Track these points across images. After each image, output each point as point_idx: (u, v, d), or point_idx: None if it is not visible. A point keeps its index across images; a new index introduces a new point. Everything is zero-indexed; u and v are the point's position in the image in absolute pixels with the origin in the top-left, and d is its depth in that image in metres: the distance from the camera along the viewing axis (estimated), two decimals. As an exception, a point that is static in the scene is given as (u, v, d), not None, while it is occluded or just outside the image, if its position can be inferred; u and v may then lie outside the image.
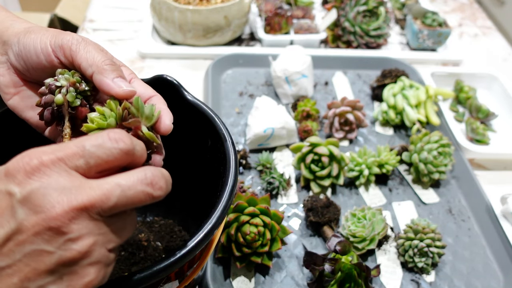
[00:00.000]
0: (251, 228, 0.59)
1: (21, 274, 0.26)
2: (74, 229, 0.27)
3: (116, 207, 0.28)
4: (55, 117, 0.39)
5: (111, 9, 1.16)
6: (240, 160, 0.77)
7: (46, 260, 0.26)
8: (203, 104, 0.50)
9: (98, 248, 0.28)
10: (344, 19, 1.05)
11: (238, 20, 1.00)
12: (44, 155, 0.27)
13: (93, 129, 0.36)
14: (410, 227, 0.67)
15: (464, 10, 1.32)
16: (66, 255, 0.27)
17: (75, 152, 0.28)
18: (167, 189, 0.31)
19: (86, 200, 0.27)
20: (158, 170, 0.31)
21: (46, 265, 0.26)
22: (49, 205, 0.26)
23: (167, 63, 1.00)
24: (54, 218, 0.26)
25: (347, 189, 0.77)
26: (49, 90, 0.38)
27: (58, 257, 0.27)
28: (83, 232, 0.27)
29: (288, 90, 0.89)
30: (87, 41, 0.39)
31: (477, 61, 1.11)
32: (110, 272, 0.31)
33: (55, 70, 0.39)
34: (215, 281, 0.61)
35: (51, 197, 0.26)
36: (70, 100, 0.38)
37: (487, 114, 0.89)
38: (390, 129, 0.89)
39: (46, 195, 0.26)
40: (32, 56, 0.39)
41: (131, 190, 0.29)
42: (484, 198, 0.74)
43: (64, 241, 0.26)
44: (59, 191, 0.27)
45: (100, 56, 0.38)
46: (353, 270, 0.57)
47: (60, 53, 0.38)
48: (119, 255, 0.60)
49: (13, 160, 0.28)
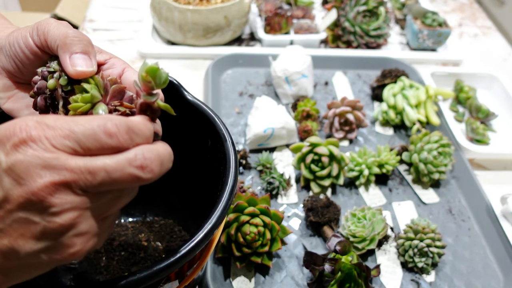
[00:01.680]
0: (251, 228, 0.59)
1: (10, 238, 0.28)
2: (56, 203, 0.27)
3: (101, 186, 0.28)
4: (50, 104, 0.38)
5: (111, 9, 1.16)
6: (240, 160, 0.77)
7: (32, 229, 0.28)
8: (203, 104, 0.50)
9: (84, 220, 0.29)
10: (344, 19, 1.05)
11: (238, 20, 1.00)
12: (33, 130, 0.27)
13: (79, 107, 0.35)
14: (410, 227, 0.67)
15: (464, 10, 1.32)
16: (50, 226, 0.27)
17: (63, 134, 0.28)
18: (160, 172, 0.30)
19: (69, 176, 0.27)
20: (152, 151, 0.29)
21: (32, 233, 0.28)
22: (31, 179, 0.27)
23: (167, 63, 1.00)
24: (35, 192, 0.27)
25: (347, 189, 0.77)
26: (42, 77, 0.38)
27: (43, 228, 0.27)
28: (66, 206, 0.27)
29: (288, 90, 0.89)
30: (60, 22, 0.38)
31: (477, 61, 1.11)
32: (104, 238, 0.32)
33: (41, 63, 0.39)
34: (215, 281, 0.61)
35: (33, 171, 0.27)
36: (63, 83, 0.37)
37: (487, 114, 0.89)
38: (390, 129, 0.89)
39: (30, 167, 0.27)
40: (19, 53, 0.39)
41: (117, 172, 0.28)
42: (484, 198, 0.74)
43: (48, 214, 0.27)
44: (41, 166, 0.27)
45: (66, 29, 0.37)
46: (353, 270, 0.57)
47: (36, 37, 0.38)
48: (119, 255, 0.60)
49: (6, 125, 0.28)
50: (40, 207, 0.27)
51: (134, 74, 0.40)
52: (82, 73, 0.36)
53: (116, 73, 0.40)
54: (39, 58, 0.39)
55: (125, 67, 0.41)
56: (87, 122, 0.28)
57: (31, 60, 0.39)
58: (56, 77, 0.37)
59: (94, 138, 0.28)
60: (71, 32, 0.37)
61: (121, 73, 0.40)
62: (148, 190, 0.31)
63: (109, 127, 0.28)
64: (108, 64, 0.41)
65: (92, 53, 0.38)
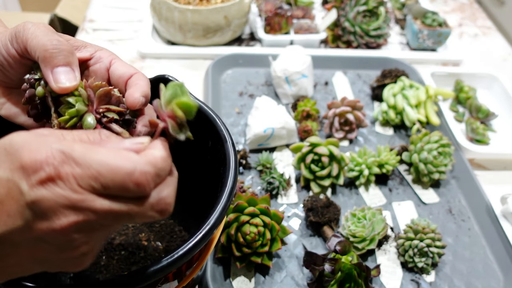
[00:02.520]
0: (251, 228, 0.59)
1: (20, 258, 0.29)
2: (76, 238, 0.28)
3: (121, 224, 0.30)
4: (42, 112, 0.38)
5: (111, 9, 1.16)
6: (240, 160, 0.77)
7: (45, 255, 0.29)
8: (204, 104, 0.50)
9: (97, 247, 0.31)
10: (344, 19, 1.05)
11: (238, 20, 1.00)
12: (61, 166, 0.27)
13: (67, 119, 0.36)
14: (410, 227, 0.67)
15: (464, 10, 1.32)
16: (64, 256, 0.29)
17: (91, 176, 0.27)
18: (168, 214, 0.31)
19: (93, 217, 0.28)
20: (172, 196, 0.30)
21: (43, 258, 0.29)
22: (56, 217, 0.27)
23: (167, 63, 1.00)
24: (58, 230, 0.27)
25: (347, 189, 0.77)
26: (29, 84, 0.37)
27: (57, 257, 0.29)
28: (84, 239, 0.28)
29: (288, 90, 0.89)
30: (37, 25, 0.36)
31: (477, 61, 1.11)
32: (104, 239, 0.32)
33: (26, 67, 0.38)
34: (215, 281, 0.61)
35: (58, 210, 0.27)
36: (51, 90, 0.36)
37: (487, 114, 0.89)
38: (390, 129, 0.89)
39: (55, 206, 0.27)
40: (2, 61, 0.38)
41: (139, 215, 0.29)
42: (484, 198, 0.74)
43: (66, 247, 0.28)
44: (67, 206, 0.27)
45: (44, 39, 0.35)
46: (353, 270, 0.57)
47: (16, 46, 0.37)
48: (119, 254, 0.60)
49: (30, 152, 0.27)
50: (59, 241, 0.28)
51: (122, 66, 0.40)
52: (65, 89, 0.36)
53: (103, 68, 0.40)
54: (23, 64, 0.38)
55: (112, 59, 0.40)
56: (115, 164, 0.27)
57: (15, 67, 0.38)
58: (43, 85, 0.37)
59: (121, 186, 0.27)
60: (48, 44, 0.35)
61: (108, 66, 0.40)
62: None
63: (137, 177, 0.28)
64: (94, 58, 0.40)
65: (74, 63, 0.37)
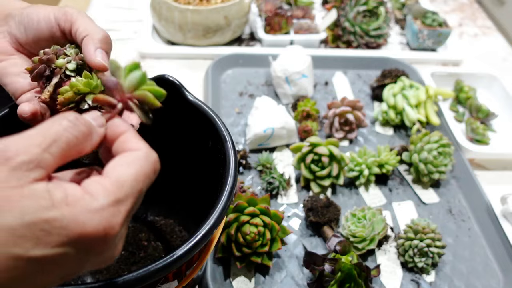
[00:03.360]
0: (251, 228, 0.59)
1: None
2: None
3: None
4: (45, 75, 0.41)
5: (111, 9, 1.16)
6: (240, 160, 0.77)
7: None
8: (204, 105, 0.50)
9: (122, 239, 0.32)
10: (344, 19, 1.05)
11: (238, 20, 1.00)
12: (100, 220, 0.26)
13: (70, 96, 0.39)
14: (410, 227, 0.67)
15: (464, 10, 1.32)
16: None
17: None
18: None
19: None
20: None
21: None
22: None
23: (167, 63, 1.00)
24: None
25: (347, 189, 0.77)
26: (55, 53, 0.41)
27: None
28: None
29: (288, 90, 0.89)
30: (87, 15, 0.43)
31: (477, 61, 1.11)
32: None
33: (52, 42, 0.42)
34: (215, 281, 0.61)
35: None
36: (70, 68, 0.40)
37: (487, 114, 0.89)
38: (390, 129, 0.89)
39: None
40: (33, 24, 0.42)
41: None
42: (484, 198, 0.74)
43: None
44: None
45: (98, 28, 0.42)
46: (353, 270, 0.57)
47: (62, 18, 0.41)
48: (120, 255, 0.60)
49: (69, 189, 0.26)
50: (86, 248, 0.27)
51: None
52: (101, 66, 0.40)
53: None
54: (52, 35, 0.42)
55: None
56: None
57: (42, 34, 0.42)
58: (68, 60, 0.40)
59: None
60: (105, 32, 0.42)
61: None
62: (149, 190, 0.30)
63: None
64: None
65: (109, 53, 0.42)
